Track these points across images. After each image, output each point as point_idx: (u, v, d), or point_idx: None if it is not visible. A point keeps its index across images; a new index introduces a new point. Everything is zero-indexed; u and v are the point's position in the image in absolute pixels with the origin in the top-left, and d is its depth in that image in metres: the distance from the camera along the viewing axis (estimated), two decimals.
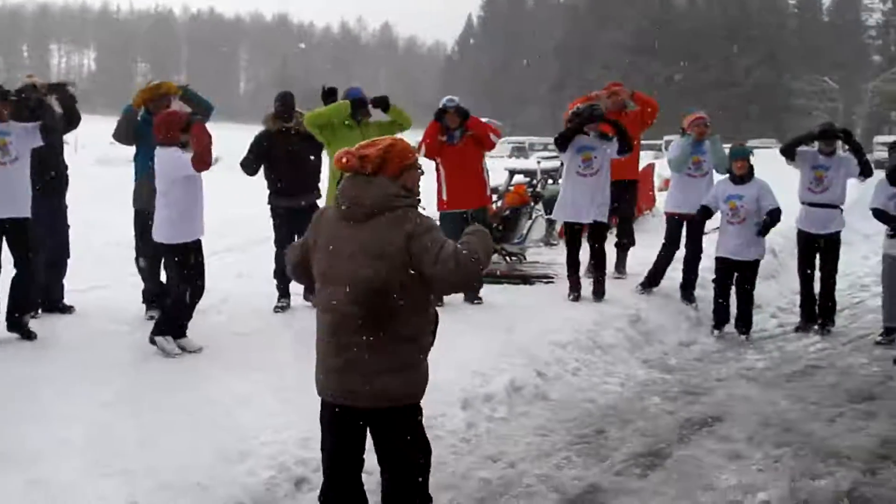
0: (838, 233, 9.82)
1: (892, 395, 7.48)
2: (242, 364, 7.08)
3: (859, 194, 13.02)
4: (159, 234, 7.46)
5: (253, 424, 5.78)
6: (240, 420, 5.86)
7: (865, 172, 9.64)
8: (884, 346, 9.19)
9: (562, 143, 9.76)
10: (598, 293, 9.74)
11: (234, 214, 14.09)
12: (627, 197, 10.93)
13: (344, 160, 4.13)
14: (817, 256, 9.89)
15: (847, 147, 9.86)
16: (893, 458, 6.16)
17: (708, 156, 10.20)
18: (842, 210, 9.82)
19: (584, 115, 9.71)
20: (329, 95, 9.06)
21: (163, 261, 7.92)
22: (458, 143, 9.43)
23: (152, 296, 8.59)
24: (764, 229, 9.37)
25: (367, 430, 4.27)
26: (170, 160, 7.24)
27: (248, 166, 9.12)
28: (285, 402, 6.05)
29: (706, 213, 9.75)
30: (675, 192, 10.39)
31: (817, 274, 9.97)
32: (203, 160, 7.15)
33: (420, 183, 4.27)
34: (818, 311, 9.97)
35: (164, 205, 7.35)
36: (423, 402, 4.28)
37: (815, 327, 9.89)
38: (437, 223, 4.64)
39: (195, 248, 7.53)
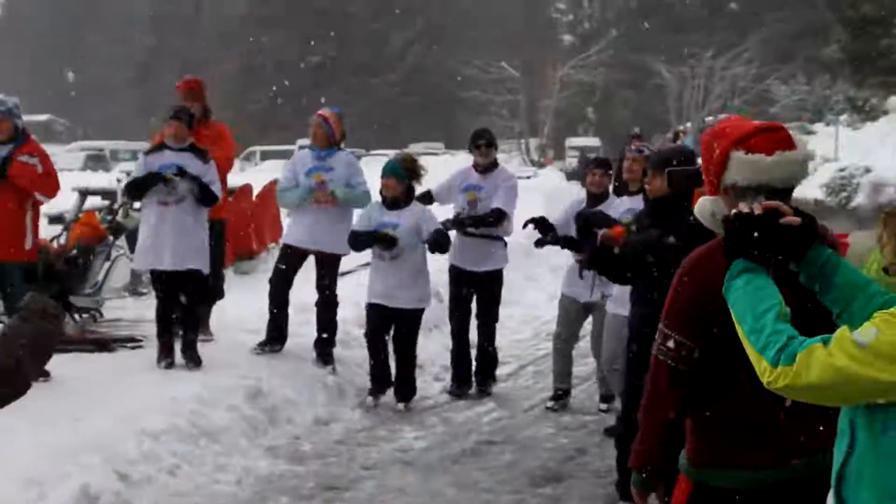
0: (499, 270, 10.33)
1: (583, 474, 8.02)
2: None
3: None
4: None
5: None
6: None
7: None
8: (569, 413, 9.81)
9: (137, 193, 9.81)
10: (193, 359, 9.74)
11: None
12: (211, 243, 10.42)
13: None
14: (473, 299, 10.36)
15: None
16: None
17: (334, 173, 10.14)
18: (505, 242, 10.33)
19: None
20: None
21: None
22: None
23: None
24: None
25: None
26: None
27: None
28: None
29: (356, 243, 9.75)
30: (291, 221, 10.64)
31: (474, 322, 10.46)
32: None
33: None
34: (475, 369, 10.43)
35: None
36: None
37: (472, 391, 10.38)
38: None
39: None
